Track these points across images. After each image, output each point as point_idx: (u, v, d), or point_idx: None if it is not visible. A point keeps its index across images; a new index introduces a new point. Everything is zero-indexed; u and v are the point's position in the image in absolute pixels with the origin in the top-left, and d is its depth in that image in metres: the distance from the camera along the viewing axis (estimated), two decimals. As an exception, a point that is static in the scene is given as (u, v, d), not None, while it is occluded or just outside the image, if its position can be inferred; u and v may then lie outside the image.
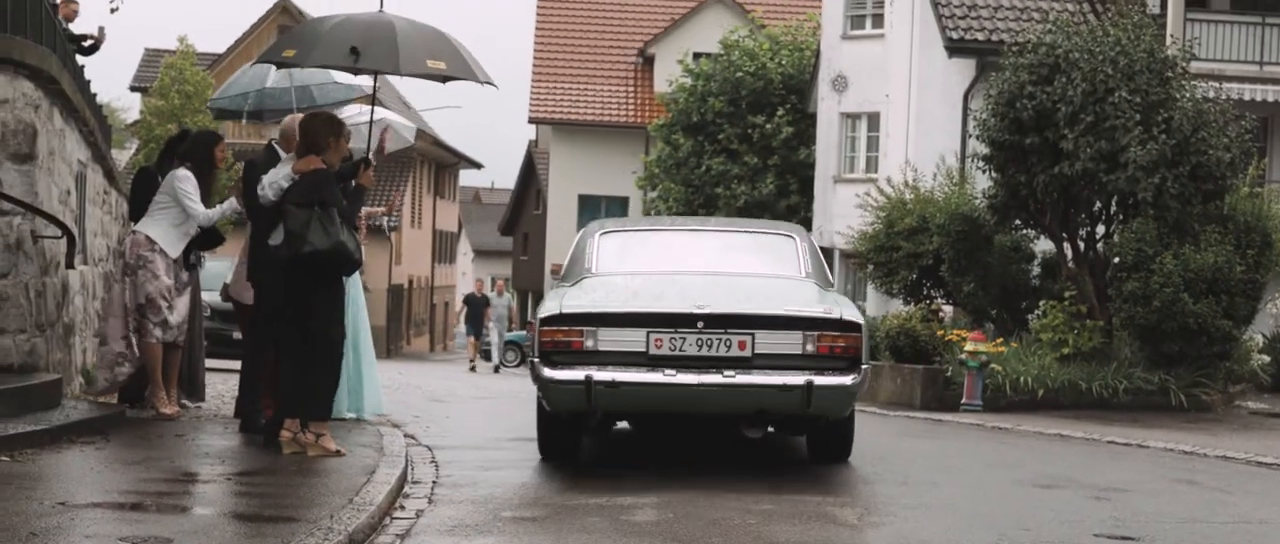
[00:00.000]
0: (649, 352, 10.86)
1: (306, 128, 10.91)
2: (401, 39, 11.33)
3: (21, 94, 11.86)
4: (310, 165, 10.72)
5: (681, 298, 11.08)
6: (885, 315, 26.06)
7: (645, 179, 45.48)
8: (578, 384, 10.75)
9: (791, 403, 10.97)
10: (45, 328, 12.26)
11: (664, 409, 11.46)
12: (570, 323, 10.92)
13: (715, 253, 12.59)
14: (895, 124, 32.46)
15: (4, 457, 9.52)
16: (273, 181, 10.79)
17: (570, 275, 12.28)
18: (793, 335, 10.97)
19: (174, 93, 48.56)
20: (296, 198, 10.58)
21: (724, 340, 10.90)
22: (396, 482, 9.76)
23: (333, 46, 11.22)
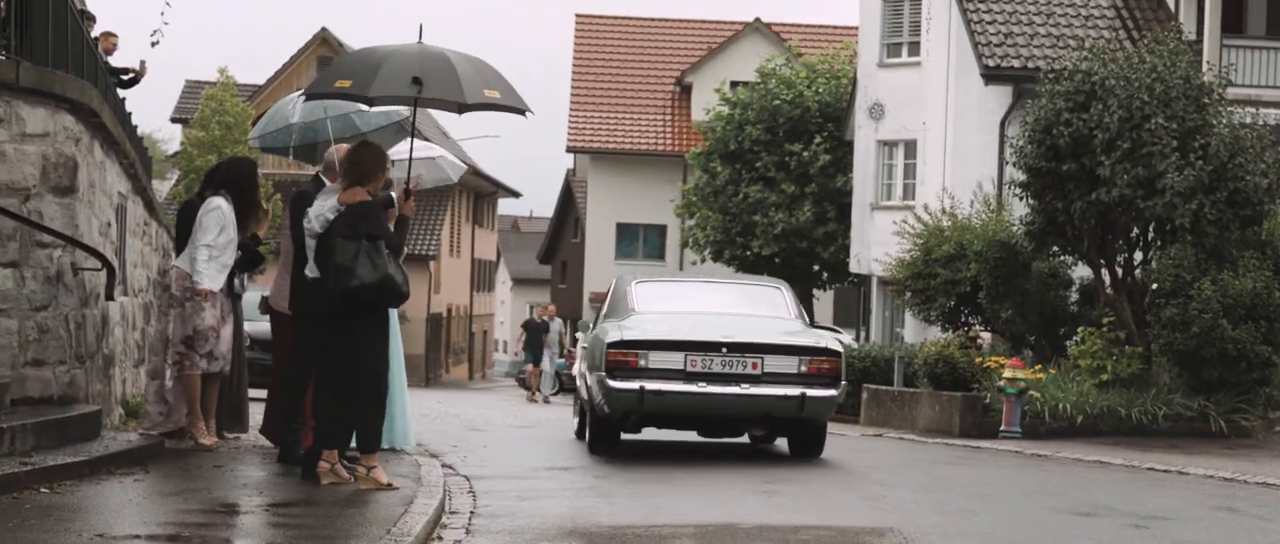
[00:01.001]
0: (685, 369, 14.50)
1: (353, 159, 10.88)
2: (459, 69, 11.33)
3: (62, 128, 11.96)
4: (356, 197, 10.70)
5: (709, 330, 14.77)
6: (923, 343, 26.00)
7: (683, 207, 45.51)
8: (633, 392, 14.39)
9: (790, 409, 14.65)
10: (85, 359, 12.34)
11: (695, 412, 14.95)
12: (628, 347, 14.55)
13: (725, 298, 16.45)
14: (932, 151, 32.41)
15: (43, 488, 9.59)
16: (318, 214, 10.80)
17: (617, 313, 15.73)
18: (791, 359, 14.69)
19: (214, 124, 48.85)
20: (343, 230, 10.56)
21: (741, 362, 14.57)
22: (434, 512, 9.79)
23: (393, 77, 11.17)
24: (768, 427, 15.78)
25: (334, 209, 10.73)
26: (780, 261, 41.88)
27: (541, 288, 79.92)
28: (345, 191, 10.76)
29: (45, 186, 11.69)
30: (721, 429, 16.30)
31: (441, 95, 11.29)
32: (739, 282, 18.45)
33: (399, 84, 11.12)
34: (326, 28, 61.44)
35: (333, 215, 10.71)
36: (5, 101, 11.39)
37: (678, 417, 15.27)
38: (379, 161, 10.88)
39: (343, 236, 10.51)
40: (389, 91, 11.21)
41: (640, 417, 15.00)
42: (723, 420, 15.57)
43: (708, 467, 14.34)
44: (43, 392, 11.66)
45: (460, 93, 11.22)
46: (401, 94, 11.25)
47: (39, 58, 11.95)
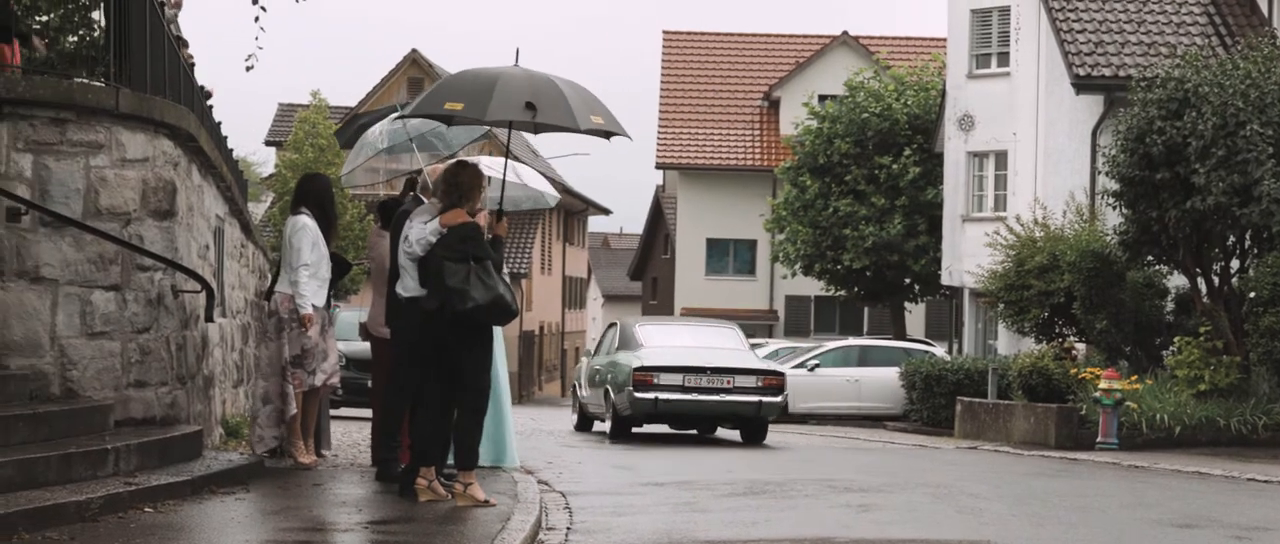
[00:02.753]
0: (683, 385, 21.09)
1: (451, 180, 10.96)
2: (568, 94, 11.39)
3: (161, 152, 12.15)
4: (457, 218, 10.77)
5: (698, 359, 21.51)
6: (1017, 354, 25.87)
7: (773, 222, 45.46)
8: (650, 400, 21.00)
9: (751, 411, 21.43)
10: (186, 380, 12.51)
11: (689, 413, 21.62)
12: (647, 370, 21.11)
13: (701, 336, 23.12)
14: (1023, 162, 32.22)
15: (148, 508, 9.73)
16: (419, 237, 10.89)
17: (630, 346, 22.31)
18: (752, 378, 21.37)
19: (307, 146, 49.33)
20: (448, 252, 10.63)
21: (720, 379, 21.27)
22: (531, 529, 9.84)
23: (507, 101, 11.19)
24: (734, 423, 22.24)
25: (435, 231, 10.79)
26: (871, 275, 41.74)
27: (632, 304, 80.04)
28: (445, 213, 10.83)
29: (145, 210, 11.87)
30: (705, 425, 22.93)
31: (554, 121, 11.32)
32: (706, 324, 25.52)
33: (513, 108, 11.16)
34: (417, 49, 61.91)
35: (434, 238, 10.77)
36: (106, 127, 11.59)
37: (677, 417, 21.98)
38: (476, 182, 10.95)
39: (450, 259, 10.57)
40: (504, 115, 11.25)
41: (652, 417, 21.61)
42: (707, 419, 22.43)
43: (800, 482, 14.33)
44: (145, 413, 11.83)
45: (573, 119, 11.26)
46: (515, 118, 11.30)
47: (138, 84, 12.14)
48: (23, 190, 11.23)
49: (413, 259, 10.96)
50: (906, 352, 33.63)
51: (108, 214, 11.59)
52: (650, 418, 21.76)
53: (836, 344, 36.02)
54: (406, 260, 11.06)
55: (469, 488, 10.73)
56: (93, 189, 11.54)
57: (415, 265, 11.00)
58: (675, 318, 43.59)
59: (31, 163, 11.33)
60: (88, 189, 11.52)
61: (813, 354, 34.46)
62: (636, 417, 21.53)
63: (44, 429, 10.40)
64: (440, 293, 10.60)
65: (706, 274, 56.04)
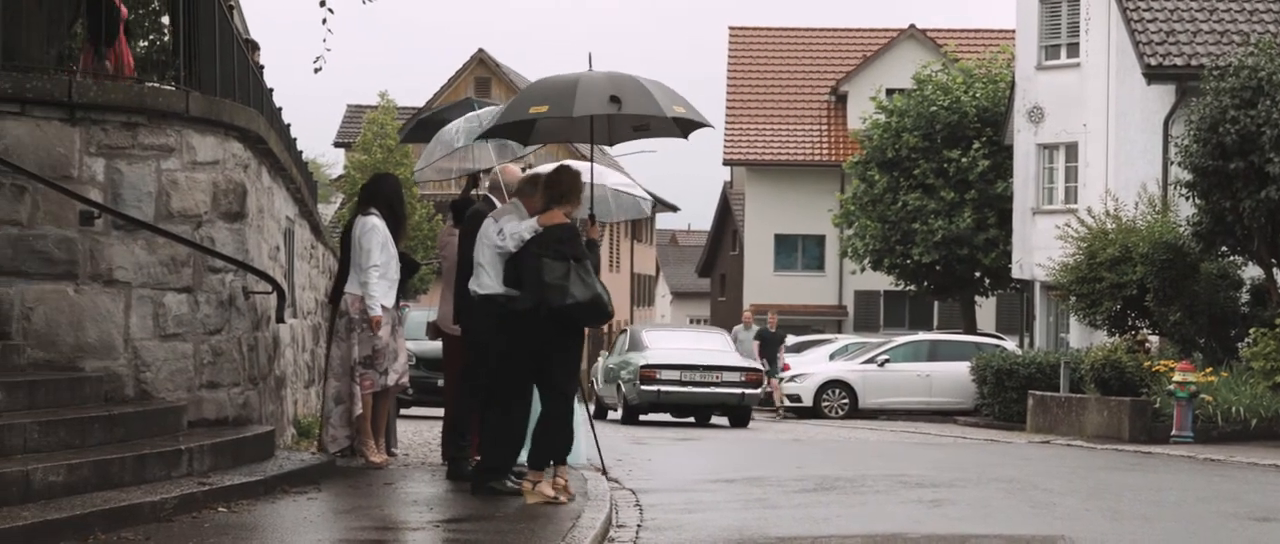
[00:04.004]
0: (680, 380, 26.21)
1: (554, 181, 11.00)
2: (650, 87, 11.49)
3: (232, 155, 12.23)
4: (554, 219, 10.80)
5: (693, 358, 26.78)
6: (1089, 347, 25.70)
7: (841, 217, 45.31)
8: (654, 391, 26.07)
9: (735, 400, 26.69)
10: (258, 381, 12.59)
11: (685, 402, 26.62)
12: (652, 367, 26.23)
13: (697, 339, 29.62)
14: (1094, 153, 31.98)
15: (221, 507, 9.79)
16: (515, 232, 10.89)
17: (638, 348, 27.55)
18: (736, 374, 26.75)
19: (376, 147, 49.56)
20: (545, 250, 10.64)
21: (710, 375, 26.60)
22: (602, 526, 9.84)
23: (590, 96, 11.30)
24: (723, 411, 27.06)
25: (531, 229, 10.81)
26: (940, 269, 41.53)
27: (701, 301, 80.00)
28: (544, 213, 10.83)
29: (216, 213, 11.95)
30: (700, 413, 27.36)
31: (639, 110, 11.44)
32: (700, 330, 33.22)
33: (598, 103, 11.25)
34: (483, 49, 62.11)
35: (529, 235, 10.79)
36: (176, 131, 11.67)
37: (676, 405, 26.77)
38: (576, 185, 11.00)
39: (549, 256, 10.58)
40: (589, 110, 11.34)
41: (656, 406, 26.65)
42: (700, 407, 27.04)
43: (871, 478, 14.27)
44: (218, 413, 11.91)
45: (657, 107, 11.38)
46: (601, 112, 11.37)
47: (207, 87, 12.22)
48: (96, 194, 11.34)
49: (502, 255, 10.98)
50: (977, 346, 33.45)
51: (179, 217, 11.67)
52: (654, 407, 26.98)
53: (906, 339, 35.89)
54: (488, 258, 11.08)
55: (538, 486, 10.74)
56: (164, 192, 11.63)
57: (499, 263, 11.01)
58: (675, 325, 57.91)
59: (104, 167, 11.43)
60: (159, 192, 11.61)
61: (882, 349, 34.35)
62: (643, 406, 26.78)
63: (119, 430, 10.48)
64: (536, 289, 10.59)
65: (775, 270, 55.90)
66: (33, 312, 11.18)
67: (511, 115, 11.77)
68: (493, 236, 11.02)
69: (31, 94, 11.14)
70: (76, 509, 8.70)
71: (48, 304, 11.21)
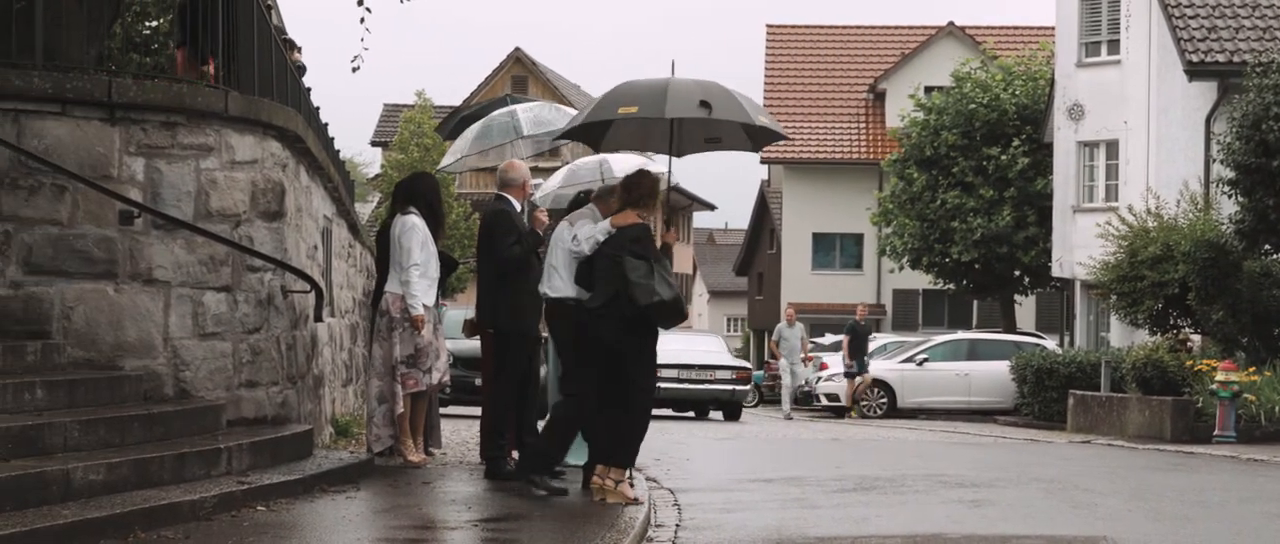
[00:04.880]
0: (678, 377, 27.98)
1: (633, 185, 11.08)
2: (737, 95, 11.60)
3: (270, 154, 12.24)
4: (628, 219, 10.86)
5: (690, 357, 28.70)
6: (1130, 346, 25.57)
7: (880, 215, 45.18)
8: None
9: (727, 396, 29.33)
10: (296, 380, 12.60)
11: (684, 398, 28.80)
12: None
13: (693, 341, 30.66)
14: (1135, 151, 31.80)
15: (260, 506, 9.80)
16: (590, 235, 10.95)
17: None
18: (728, 372, 29.08)
19: (413, 146, 49.66)
20: (623, 250, 10.68)
21: (705, 373, 28.99)
22: (640, 525, 9.82)
23: (681, 100, 11.35)
24: (717, 406, 29.78)
25: (605, 231, 10.86)
26: (980, 267, 41.37)
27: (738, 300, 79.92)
28: (618, 214, 10.89)
29: (255, 212, 11.97)
30: (697, 408, 30.12)
31: (728, 117, 11.52)
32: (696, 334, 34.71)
33: (688, 107, 11.33)
34: (520, 48, 62.18)
35: (603, 237, 10.84)
36: (215, 130, 11.69)
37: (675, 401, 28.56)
38: (654, 190, 11.06)
39: (629, 255, 10.63)
40: (680, 113, 11.41)
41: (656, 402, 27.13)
42: (697, 402, 29.70)
43: (910, 478, 14.21)
44: (257, 412, 11.93)
45: (745, 114, 11.50)
46: (691, 115, 11.43)
47: (246, 86, 12.24)
48: (135, 193, 11.36)
49: (576, 258, 11.01)
50: (1017, 345, 33.31)
51: (218, 216, 11.69)
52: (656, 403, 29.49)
53: (945, 338, 35.76)
54: (561, 261, 11.14)
55: (619, 485, 10.80)
56: (203, 191, 11.65)
57: (572, 266, 11.05)
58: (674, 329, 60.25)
59: (144, 166, 11.45)
60: (198, 191, 11.63)
61: (921, 348, 34.24)
62: None
63: (158, 429, 10.51)
64: (612, 288, 10.63)
65: (813, 269, 55.82)
66: (73, 311, 11.22)
67: (599, 115, 11.75)
68: (567, 240, 11.07)
69: (72, 94, 11.18)
70: (116, 508, 8.72)
71: (88, 303, 11.24)
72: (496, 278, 12.14)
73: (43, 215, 11.17)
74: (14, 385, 9.90)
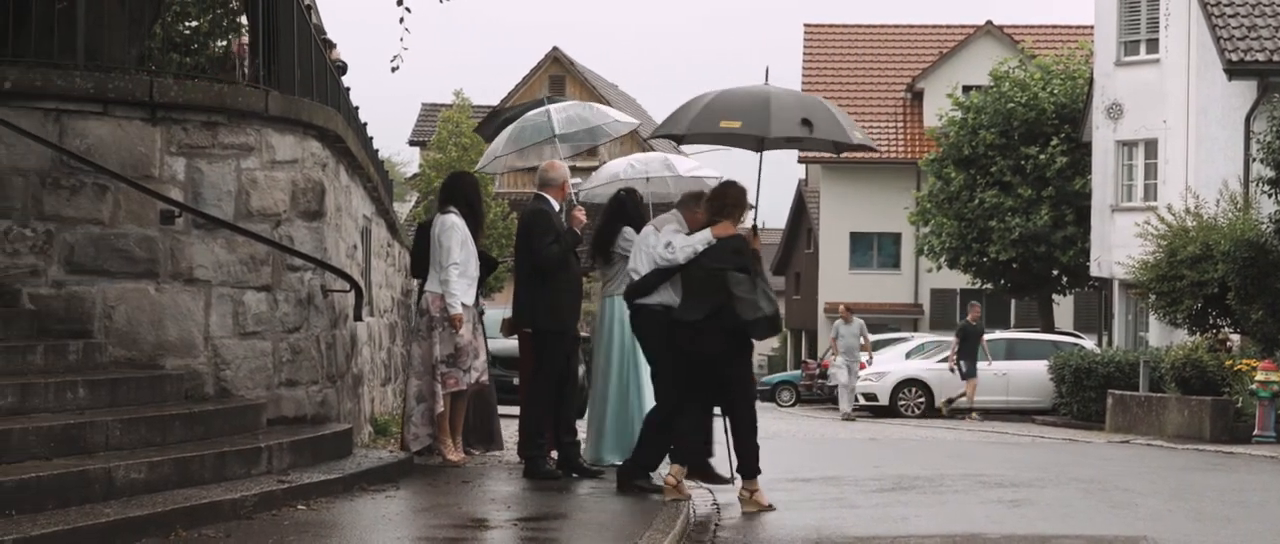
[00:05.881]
0: None
1: (720, 194, 11.23)
2: (834, 111, 11.67)
3: (310, 154, 12.29)
4: (727, 231, 10.99)
5: None
6: (1169, 346, 25.46)
7: (917, 214, 45.07)
8: None
9: None
10: (336, 379, 12.65)
11: None
12: None
13: None
14: (1174, 150, 31.66)
15: (300, 505, 9.84)
16: (686, 246, 11.06)
17: None
18: None
19: (451, 146, 49.75)
20: (726, 263, 10.83)
21: None
22: (680, 525, 9.83)
23: (783, 117, 11.44)
24: None
25: (704, 241, 10.98)
26: (1018, 267, 41.23)
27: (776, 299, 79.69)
28: (718, 226, 11.01)
29: (295, 211, 12.02)
30: None
31: (828, 135, 11.63)
32: None
33: (791, 124, 11.41)
34: (558, 47, 62.23)
35: (702, 247, 10.95)
36: (256, 130, 11.74)
37: None
38: (742, 199, 11.22)
39: (733, 269, 10.79)
40: (784, 132, 11.49)
41: None
42: None
43: (949, 477, 14.19)
44: (296, 411, 11.97)
45: (844, 133, 11.58)
46: (793, 134, 11.50)
47: (286, 86, 12.29)
48: (176, 193, 11.42)
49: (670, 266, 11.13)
50: (1055, 344, 33.20)
51: (258, 215, 11.74)
52: None
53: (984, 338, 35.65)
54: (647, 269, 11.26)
55: (754, 494, 11.03)
56: (244, 191, 11.70)
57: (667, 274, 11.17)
58: None
59: (184, 166, 11.51)
60: (239, 191, 11.68)
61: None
62: None
63: (199, 428, 10.56)
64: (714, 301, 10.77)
65: (850, 268, 55.73)
66: (114, 310, 11.28)
67: (700, 126, 11.76)
68: (656, 249, 11.16)
69: (113, 94, 11.24)
70: (158, 506, 8.77)
71: (129, 303, 11.31)
72: (534, 277, 12.18)
73: (85, 215, 11.24)
74: (56, 384, 9.97)
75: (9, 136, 11.02)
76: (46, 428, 9.17)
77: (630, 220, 13.01)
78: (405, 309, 21.15)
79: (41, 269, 11.18)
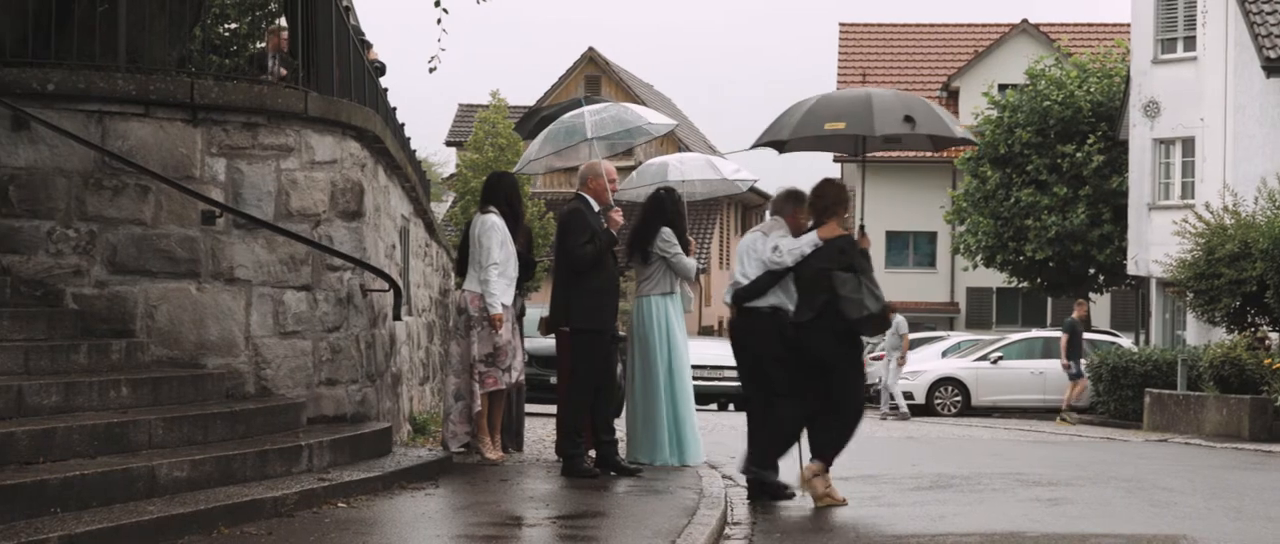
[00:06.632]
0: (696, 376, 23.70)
1: (821, 194, 11.37)
2: (934, 108, 11.81)
3: (349, 154, 12.36)
4: (834, 231, 11.16)
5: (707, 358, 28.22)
6: (1207, 345, 25.35)
7: (953, 213, 44.99)
8: None
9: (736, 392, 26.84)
10: (375, 378, 12.71)
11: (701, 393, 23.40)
12: None
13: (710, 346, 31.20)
14: (1211, 148, 31.53)
15: (341, 503, 9.90)
16: (794, 248, 11.20)
17: None
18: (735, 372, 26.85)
19: (488, 146, 49.80)
20: (833, 263, 11.00)
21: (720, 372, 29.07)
22: (717, 523, 9.86)
23: (886, 115, 11.59)
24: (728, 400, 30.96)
25: (811, 243, 11.13)
26: (1054, 265, 41.13)
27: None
28: (823, 228, 11.18)
29: (334, 212, 12.09)
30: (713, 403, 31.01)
31: (931, 131, 11.79)
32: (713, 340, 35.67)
33: (894, 122, 11.55)
34: (593, 48, 62.25)
35: (810, 249, 11.11)
36: (295, 131, 11.82)
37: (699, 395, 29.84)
38: (842, 196, 11.37)
39: (840, 269, 10.98)
40: (889, 129, 11.66)
41: None
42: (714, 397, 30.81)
43: (987, 476, 14.18)
44: (336, 410, 12.04)
45: (946, 127, 11.76)
46: (896, 131, 11.63)
47: (324, 87, 12.36)
48: (217, 194, 11.50)
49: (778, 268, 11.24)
50: (1092, 343, 33.11)
51: (298, 216, 11.81)
52: None
53: (1020, 336, 35.60)
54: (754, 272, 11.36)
55: (829, 488, 11.31)
56: (284, 191, 11.77)
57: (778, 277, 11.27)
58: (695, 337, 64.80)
59: (225, 167, 11.59)
60: (279, 191, 11.75)
61: (995, 346, 34.10)
62: None
63: (240, 427, 10.64)
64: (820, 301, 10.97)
65: (886, 267, 55.61)
66: (156, 310, 11.37)
67: (804, 130, 11.85)
68: (763, 251, 11.32)
69: (155, 95, 11.33)
70: (200, 504, 8.84)
71: (171, 302, 11.39)
72: (571, 277, 12.23)
73: (127, 216, 11.33)
74: (100, 383, 10.06)
75: (52, 138, 11.12)
76: (90, 427, 9.25)
77: (668, 220, 13.05)
78: (443, 308, 21.23)
79: (85, 269, 11.28)
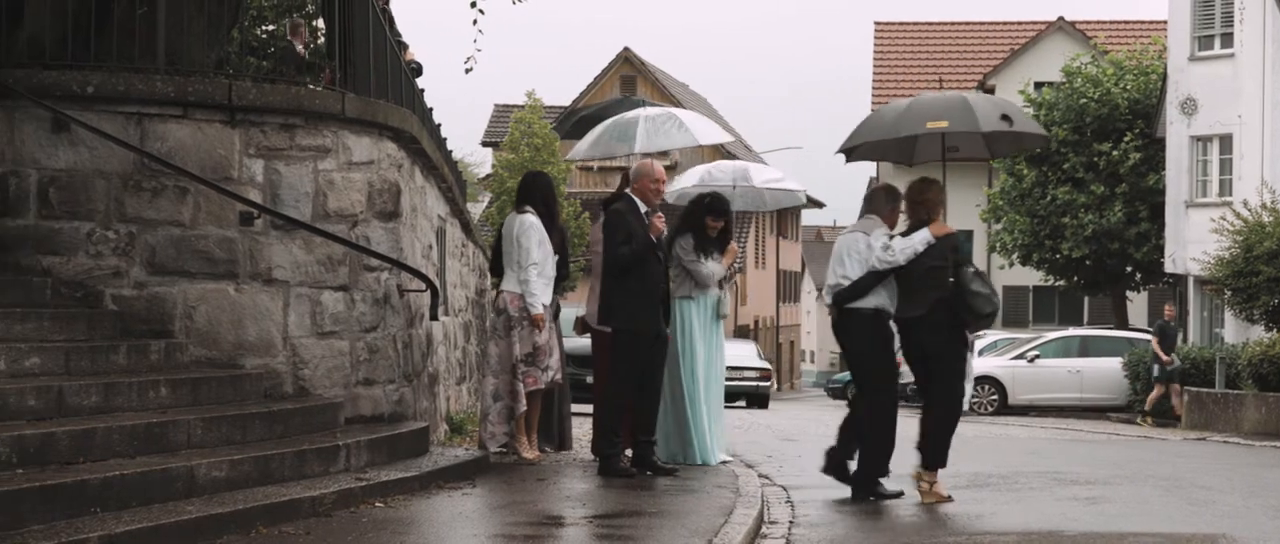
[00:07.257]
0: None
1: (919, 196, 11.67)
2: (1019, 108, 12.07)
3: (386, 155, 12.40)
4: (943, 230, 11.44)
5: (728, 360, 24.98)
6: (1246, 343, 25.25)
7: (989, 212, 44.87)
8: None
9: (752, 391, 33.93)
10: (412, 378, 12.75)
11: None
12: None
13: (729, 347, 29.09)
14: (1249, 145, 31.38)
15: (378, 502, 9.94)
16: (906, 246, 11.41)
17: None
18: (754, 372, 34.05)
19: (524, 146, 49.89)
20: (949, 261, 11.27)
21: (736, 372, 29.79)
22: (753, 522, 9.87)
23: (987, 114, 11.93)
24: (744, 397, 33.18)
25: (924, 241, 11.36)
26: (1091, 264, 40.97)
27: (847, 297, 79.40)
28: (935, 225, 11.47)
29: (371, 212, 12.13)
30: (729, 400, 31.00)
31: (1026, 129, 12.28)
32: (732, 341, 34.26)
33: (993, 120, 11.88)
34: (629, 47, 62.31)
35: (923, 247, 11.34)
36: (332, 132, 11.86)
37: None
38: (940, 197, 11.72)
39: (958, 265, 11.27)
40: (989, 127, 11.93)
41: None
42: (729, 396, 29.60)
43: (1025, 474, 14.14)
44: (373, 410, 12.08)
45: (1035, 125, 12.11)
46: (995, 129, 11.89)
47: (361, 88, 12.40)
48: (255, 194, 11.55)
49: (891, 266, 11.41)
50: (1129, 341, 33.00)
51: (335, 216, 11.85)
52: None
53: (1057, 335, 35.50)
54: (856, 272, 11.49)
55: (934, 486, 11.42)
56: (321, 192, 11.81)
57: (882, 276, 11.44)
58: None
59: (263, 168, 11.64)
60: (316, 192, 11.80)
61: (1032, 345, 34.01)
62: None
63: (278, 427, 10.68)
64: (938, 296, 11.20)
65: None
66: (195, 310, 11.42)
67: (906, 129, 12.09)
68: (865, 250, 11.49)
69: (193, 97, 11.38)
70: (239, 504, 8.88)
71: (209, 303, 11.45)
72: (611, 277, 12.24)
73: (165, 217, 11.38)
74: (139, 384, 10.11)
75: (92, 140, 11.19)
76: (130, 427, 9.30)
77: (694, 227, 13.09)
78: (480, 308, 21.28)
79: (124, 270, 11.34)
